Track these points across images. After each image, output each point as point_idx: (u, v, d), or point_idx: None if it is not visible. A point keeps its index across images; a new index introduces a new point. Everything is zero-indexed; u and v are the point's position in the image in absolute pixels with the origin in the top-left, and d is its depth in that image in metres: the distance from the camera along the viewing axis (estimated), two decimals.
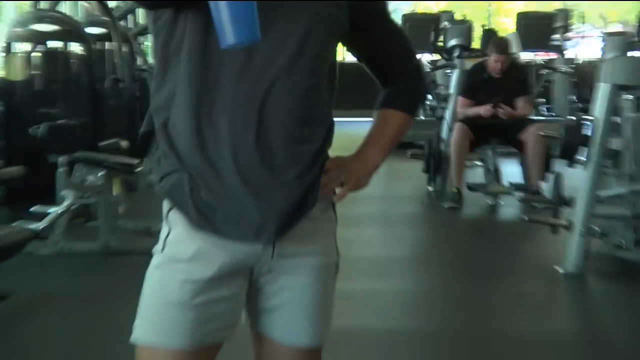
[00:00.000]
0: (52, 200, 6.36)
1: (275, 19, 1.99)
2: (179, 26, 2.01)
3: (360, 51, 2.26)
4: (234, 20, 1.76)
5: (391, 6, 2.30)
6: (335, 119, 2.15)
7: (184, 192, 2.04)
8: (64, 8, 10.26)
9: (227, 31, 1.77)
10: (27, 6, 9.05)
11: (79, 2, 11.35)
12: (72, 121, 6.57)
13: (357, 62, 2.29)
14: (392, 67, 2.26)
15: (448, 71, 10.97)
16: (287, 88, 1.99)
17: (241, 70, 1.98)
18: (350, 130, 4.94)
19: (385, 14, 2.23)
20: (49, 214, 6.08)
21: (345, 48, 2.25)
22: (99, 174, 6.33)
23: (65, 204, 6.12)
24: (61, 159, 6.18)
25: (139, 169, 6.43)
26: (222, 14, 1.76)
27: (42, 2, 8.53)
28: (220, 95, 1.99)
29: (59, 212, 6.07)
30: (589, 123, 5.66)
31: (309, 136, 2.05)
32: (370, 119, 2.28)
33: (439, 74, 11.41)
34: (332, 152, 2.15)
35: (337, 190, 2.18)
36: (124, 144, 7.04)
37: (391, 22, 2.25)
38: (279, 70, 1.99)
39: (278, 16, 2.00)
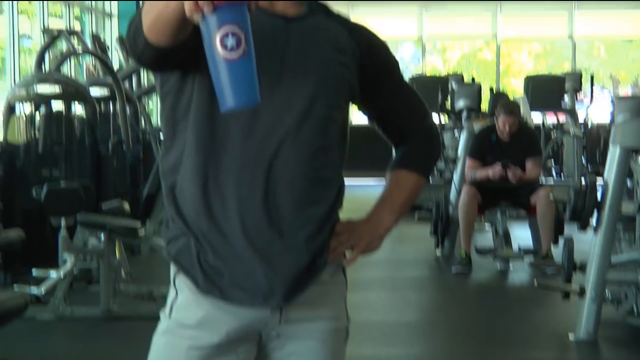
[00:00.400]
0: (54, 263, 6.36)
1: (281, 80, 2.01)
2: (186, 90, 2.03)
3: (371, 111, 2.26)
4: (233, 84, 1.76)
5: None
6: (345, 181, 2.15)
7: (191, 256, 2.05)
8: (68, 69, 10.36)
9: (227, 95, 1.77)
10: (30, 68, 9.13)
11: (83, 62, 11.45)
12: (74, 183, 6.59)
13: (366, 123, 2.30)
14: (404, 127, 2.27)
15: (456, 133, 11.02)
16: (295, 149, 2.01)
17: (248, 133, 2.00)
18: (361, 192, 4.95)
19: (395, 73, 2.24)
20: (49, 277, 6.07)
21: (356, 108, 2.26)
22: (101, 237, 6.33)
23: (66, 267, 6.12)
24: (63, 222, 6.19)
25: (142, 231, 6.44)
26: (222, 77, 1.76)
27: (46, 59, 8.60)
28: (226, 158, 2.01)
29: (60, 276, 6.06)
30: (600, 186, 5.67)
31: (318, 198, 2.06)
32: (381, 181, 2.28)
33: (447, 136, 11.45)
34: (343, 214, 2.15)
35: (347, 253, 2.18)
36: (127, 206, 7.06)
37: (402, 81, 2.26)
38: (287, 132, 2.01)
39: (284, 76, 2.02)
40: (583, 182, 5.73)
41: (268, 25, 2.03)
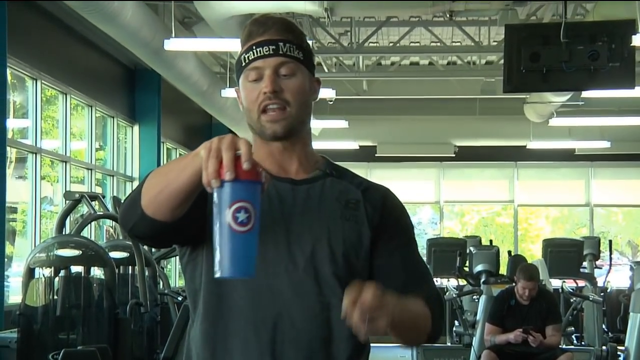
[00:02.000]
0: None
1: (287, 241, 2.05)
2: (199, 261, 2.09)
3: (372, 272, 2.16)
4: (234, 254, 1.81)
5: (416, 231, 2.28)
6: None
7: None
8: (88, 232, 10.46)
9: (225, 263, 1.81)
10: (51, 232, 9.23)
11: (103, 225, 11.57)
12: (91, 347, 6.57)
13: None
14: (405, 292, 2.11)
15: (475, 297, 10.98)
16: (300, 309, 2.02)
17: (253, 294, 2.03)
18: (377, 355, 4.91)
19: (405, 238, 2.19)
20: None
21: None
22: None
23: None
24: None
25: None
26: (224, 246, 1.81)
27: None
28: (233, 321, 2.03)
29: None
30: (621, 354, 5.62)
31: (329, 357, 2.05)
32: (392, 344, 2.22)
33: (465, 299, 11.40)
34: None
35: None
36: None
37: (413, 249, 2.19)
38: (292, 291, 2.02)
39: (290, 238, 2.05)
40: (604, 349, 5.69)
41: (275, 188, 2.08)
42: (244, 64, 2.10)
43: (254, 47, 2.09)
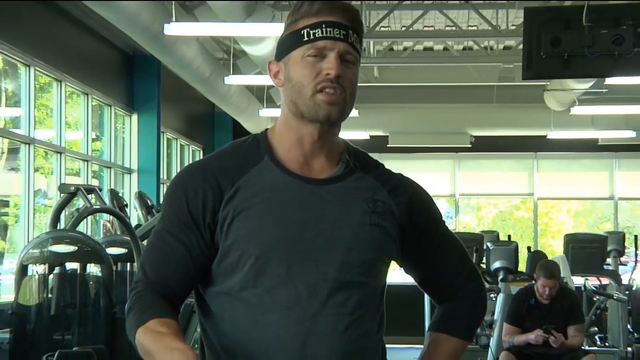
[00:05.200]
0: None
1: (313, 249, 2.05)
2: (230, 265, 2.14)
3: (413, 271, 2.26)
4: None
5: None
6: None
7: None
8: (84, 227, 10.47)
9: None
10: (45, 227, 9.24)
11: (100, 220, 11.58)
12: (87, 348, 6.57)
13: (397, 284, 2.29)
14: (448, 287, 2.26)
15: (492, 296, 10.98)
16: (330, 322, 2.02)
17: (284, 307, 2.03)
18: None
19: (438, 230, 2.24)
20: None
21: (397, 266, 2.26)
22: None
23: None
24: None
25: None
26: None
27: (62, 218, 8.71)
28: (261, 335, 2.04)
29: None
30: None
31: None
32: (414, 345, 2.26)
33: None
34: None
35: None
36: None
37: (446, 237, 2.25)
38: (320, 304, 2.02)
39: (316, 245, 2.05)
40: (629, 351, 5.67)
41: (299, 191, 2.08)
42: (306, 38, 2.13)
43: (324, 26, 2.12)
